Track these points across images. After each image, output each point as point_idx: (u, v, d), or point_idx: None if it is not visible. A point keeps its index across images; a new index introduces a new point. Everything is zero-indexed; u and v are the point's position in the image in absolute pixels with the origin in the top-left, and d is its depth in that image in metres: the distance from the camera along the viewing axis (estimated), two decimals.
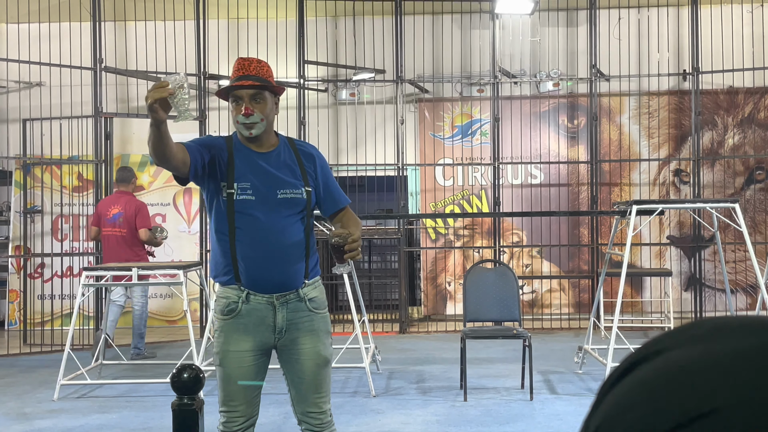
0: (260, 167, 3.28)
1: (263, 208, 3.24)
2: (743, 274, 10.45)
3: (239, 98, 3.24)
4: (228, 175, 3.24)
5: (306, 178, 3.34)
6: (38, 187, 10.04)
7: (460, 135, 10.87)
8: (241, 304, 3.25)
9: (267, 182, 3.26)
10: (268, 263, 3.23)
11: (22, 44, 9.71)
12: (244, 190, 3.24)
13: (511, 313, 6.63)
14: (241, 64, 3.28)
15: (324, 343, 3.32)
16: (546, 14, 10.83)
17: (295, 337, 3.29)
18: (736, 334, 0.51)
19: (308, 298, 3.30)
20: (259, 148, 3.32)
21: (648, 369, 0.51)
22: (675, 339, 0.53)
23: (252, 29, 10.44)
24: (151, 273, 7.21)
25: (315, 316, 3.32)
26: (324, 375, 3.33)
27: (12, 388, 7.11)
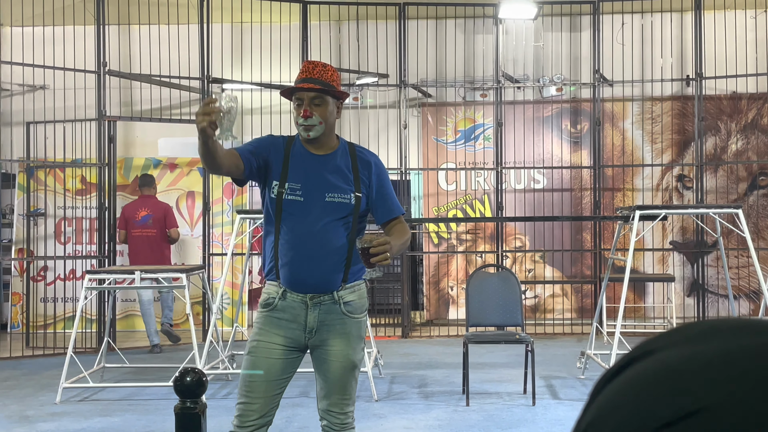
0: (314, 169, 3.35)
1: (310, 210, 3.30)
2: (746, 280, 10.44)
3: (300, 100, 3.32)
4: (282, 174, 3.33)
5: (358, 184, 3.38)
6: (41, 190, 10.05)
7: (463, 139, 10.87)
8: (278, 300, 3.33)
9: (317, 184, 3.32)
10: (306, 264, 3.29)
11: (26, 47, 9.71)
12: (294, 191, 3.32)
13: (514, 318, 6.63)
14: (306, 67, 3.36)
15: (354, 348, 3.35)
16: (549, 19, 10.84)
17: (326, 338, 3.33)
18: (727, 336, 0.51)
19: (343, 302, 3.34)
20: (317, 150, 3.39)
21: (639, 368, 0.52)
22: (668, 339, 0.54)
23: (255, 33, 10.45)
24: (153, 276, 7.22)
25: (348, 320, 3.34)
26: (349, 378, 3.35)
27: (14, 390, 7.11)
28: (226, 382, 7.37)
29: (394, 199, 3.50)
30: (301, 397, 6.66)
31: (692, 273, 10.55)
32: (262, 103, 10.61)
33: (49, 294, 10.07)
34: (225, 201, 10.70)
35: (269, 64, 10.38)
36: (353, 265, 3.35)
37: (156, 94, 10.60)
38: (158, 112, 10.83)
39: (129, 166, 10.84)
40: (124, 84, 10.71)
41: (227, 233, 10.43)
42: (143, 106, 10.96)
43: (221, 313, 9.90)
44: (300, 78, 3.34)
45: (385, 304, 11.38)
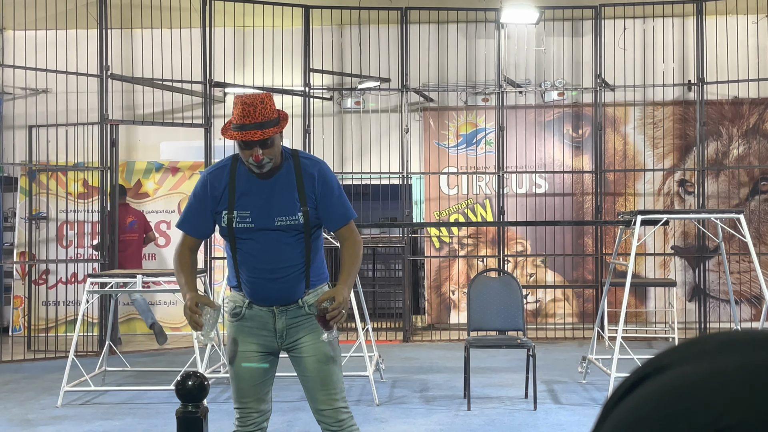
0: (261, 194, 3.35)
1: (262, 234, 3.34)
2: (747, 285, 10.43)
3: (250, 146, 3.23)
4: (229, 203, 3.34)
5: (304, 199, 3.35)
6: (43, 194, 10.06)
7: (464, 144, 10.87)
8: (245, 309, 3.42)
9: (266, 210, 3.33)
10: (268, 284, 3.36)
11: (29, 51, 9.73)
12: (243, 218, 3.34)
13: (515, 322, 6.62)
14: (246, 111, 3.19)
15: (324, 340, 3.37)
16: (551, 24, 10.85)
17: (297, 337, 3.40)
18: (744, 349, 0.50)
19: (308, 305, 3.39)
20: (263, 176, 3.35)
21: (656, 385, 0.51)
22: (682, 354, 0.52)
23: (258, 37, 10.46)
24: (155, 280, 7.22)
25: (311, 317, 3.39)
26: (328, 371, 3.38)
27: (16, 394, 7.12)
28: (226, 386, 7.36)
29: (343, 204, 3.45)
30: (302, 401, 6.64)
31: (694, 278, 10.54)
32: None
33: (50, 297, 10.07)
34: None
35: (271, 68, 10.39)
36: (313, 272, 3.41)
37: (158, 98, 10.61)
38: (160, 115, 10.84)
39: (131, 170, 10.85)
40: (127, 88, 10.73)
41: None
42: (145, 110, 10.97)
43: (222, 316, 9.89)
44: (240, 123, 3.20)
45: (387, 308, 11.38)
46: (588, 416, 6.13)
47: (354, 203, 4.12)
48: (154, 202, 10.83)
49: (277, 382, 7.34)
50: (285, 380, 7.28)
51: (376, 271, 12.37)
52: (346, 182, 10.53)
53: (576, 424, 5.92)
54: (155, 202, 10.83)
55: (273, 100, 3.33)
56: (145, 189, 10.86)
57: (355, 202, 10.76)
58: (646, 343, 9.61)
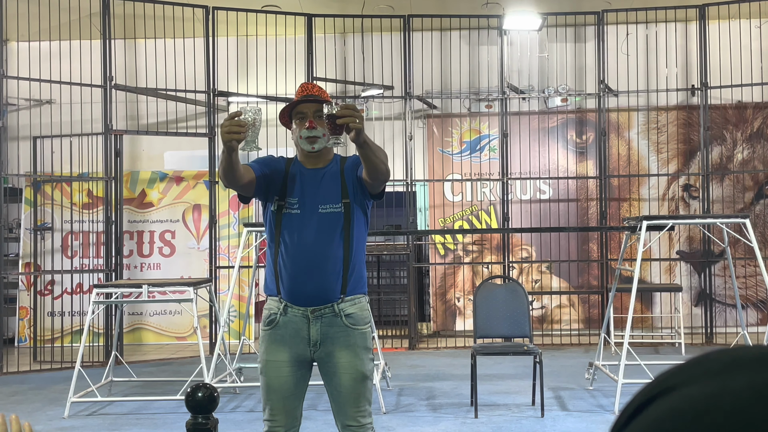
0: (308, 183, 3.44)
1: (307, 222, 3.38)
2: (754, 289, 10.41)
3: (303, 114, 3.40)
4: (281, 190, 3.44)
5: (345, 191, 3.43)
6: (48, 204, 10.07)
7: (468, 150, 10.88)
8: (279, 316, 3.39)
9: (312, 197, 3.41)
10: (304, 276, 3.35)
11: (33, 62, 9.76)
12: (292, 205, 3.42)
13: (522, 329, 6.61)
14: (305, 87, 3.45)
15: (361, 359, 3.38)
16: (554, 30, 10.85)
17: (331, 350, 3.37)
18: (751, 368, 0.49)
19: (345, 314, 3.38)
20: (314, 165, 3.47)
21: (664, 406, 0.50)
22: (688, 374, 0.51)
23: (261, 46, 10.48)
24: (161, 290, 7.22)
25: (352, 332, 3.38)
26: (361, 389, 3.38)
27: (22, 405, 7.11)
28: (233, 395, 7.36)
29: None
30: (309, 410, 6.64)
31: (699, 283, 10.52)
32: (267, 115, 10.62)
33: (56, 308, 10.08)
34: (231, 214, 10.71)
35: (274, 76, 10.41)
36: (351, 277, 3.40)
37: (162, 108, 10.63)
38: (164, 125, 10.86)
39: (135, 180, 10.86)
40: (131, 98, 10.74)
41: (234, 246, 10.44)
42: (149, 120, 10.99)
43: (228, 326, 9.90)
44: (300, 95, 3.43)
45: (392, 315, 11.37)
46: (595, 423, 6.11)
47: None
48: (159, 211, 10.84)
49: None
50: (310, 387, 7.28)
51: (381, 278, 12.36)
52: None
53: (584, 430, 5.90)
54: (159, 211, 10.84)
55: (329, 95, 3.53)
56: (149, 199, 10.87)
57: None
58: (652, 349, 9.58)
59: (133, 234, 10.76)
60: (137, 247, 10.84)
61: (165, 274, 10.65)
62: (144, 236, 10.86)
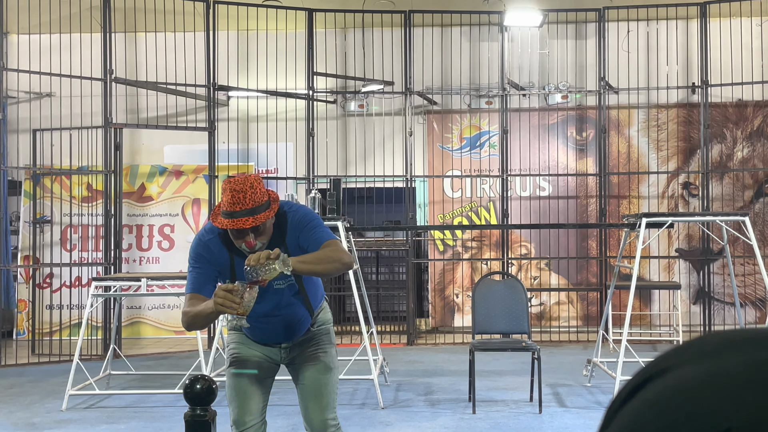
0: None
1: (264, 298, 3.25)
2: (752, 288, 10.41)
3: (242, 235, 3.18)
4: (231, 275, 3.31)
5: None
6: (48, 198, 10.07)
7: (468, 147, 10.87)
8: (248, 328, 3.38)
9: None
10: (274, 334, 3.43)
11: (33, 55, 9.75)
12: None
13: (520, 325, 6.61)
14: (236, 198, 3.11)
15: (324, 351, 3.45)
16: (555, 27, 10.85)
17: (299, 349, 3.47)
18: (745, 348, 0.49)
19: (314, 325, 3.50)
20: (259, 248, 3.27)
21: (658, 387, 0.50)
22: (683, 355, 0.52)
23: (261, 41, 10.48)
24: (159, 283, 7.22)
25: (314, 330, 3.49)
26: (324, 381, 3.41)
27: (20, 398, 7.11)
28: None
29: (320, 232, 3.32)
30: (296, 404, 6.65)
31: (698, 281, 10.53)
32: (267, 110, 10.63)
33: (54, 301, 10.08)
34: None
35: (275, 71, 10.40)
36: (314, 306, 3.46)
37: (162, 102, 10.62)
38: (164, 119, 10.85)
39: (135, 174, 10.86)
40: (131, 91, 10.74)
41: None
42: (149, 114, 10.98)
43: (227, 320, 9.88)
44: (230, 210, 3.11)
45: (390, 311, 11.37)
46: (593, 419, 6.12)
47: (358, 206, 4.06)
48: (158, 205, 10.84)
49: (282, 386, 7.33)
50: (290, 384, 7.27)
51: (379, 274, 12.36)
52: (350, 185, 10.53)
53: (581, 427, 5.91)
54: (159, 205, 10.84)
55: (262, 183, 3.23)
56: (149, 192, 10.87)
57: (359, 205, 10.77)
58: (650, 346, 9.59)
59: (132, 228, 10.76)
60: (136, 241, 10.83)
61: (164, 267, 10.64)
62: (143, 230, 10.85)
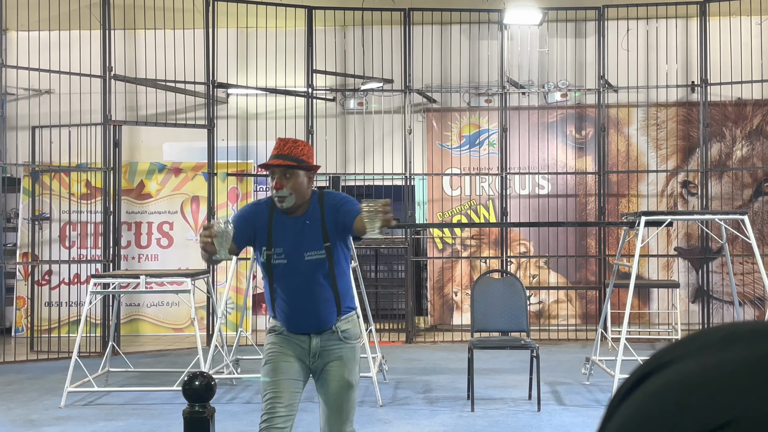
0: (292, 233, 3.65)
1: (294, 270, 3.62)
2: (751, 287, 10.42)
3: (273, 174, 3.60)
4: (267, 242, 3.66)
5: (326, 234, 3.64)
6: (46, 195, 10.06)
7: (467, 145, 10.87)
8: (285, 330, 3.68)
9: (296, 247, 3.63)
10: (301, 317, 3.65)
11: (32, 52, 9.74)
12: (279, 255, 3.64)
13: (519, 323, 6.62)
14: (278, 144, 3.65)
15: (350, 369, 3.67)
16: (554, 25, 10.84)
17: (327, 362, 3.66)
18: (747, 341, 0.50)
19: (340, 330, 3.67)
20: (294, 214, 3.66)
21: (660, 380, 0.50)
22: (685, 348, 0.52)
23: (261, 38, 10.46)
24: (158, 281, 7.22)
25: (345, 346, 3.68)
26: (346, 397, 3.65)
27: (19, 395, 7.11)
28: (230, 387, 7.37)
29: (353, 206, 3.64)
30: (306, 402, 6.65)
31: (697, 279, 10.53)
32: (267, 107, 10.62)
33: (53, 298, 10.07)
34: (230, 205, 10.71)
35: (274, 69, 10.39)
36: (343, 302, 3.69)
37: (161, 99, 10.61)
38: (163, 116, 10.85)
39: (134, 171, 10.85)
40: (130, 88, 10.73)
41: None
42: (148, 111, 10.97)
43: (225, 317, 9.90)
44: (272, 155, 3.63)
45: (389, 309, 11.37)
46: (592, 417, 6.12)
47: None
48: (157, 203, 10.83)
49: None
50: None
51: (378, 272, 12.35)
52: (349, 183, 10.53)
53: (580, 425, 5.91)
54: (158, 203, 10.83)
55: (311, 150, 3.72)
56: (147, 190, 10.86)
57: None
58: (649, 345, 9.59)
59: (131, 225, 10.76)
60: (135, 238, 10.83)
61: (162, 265, 10.64)
62: (142, 227, 10.85)
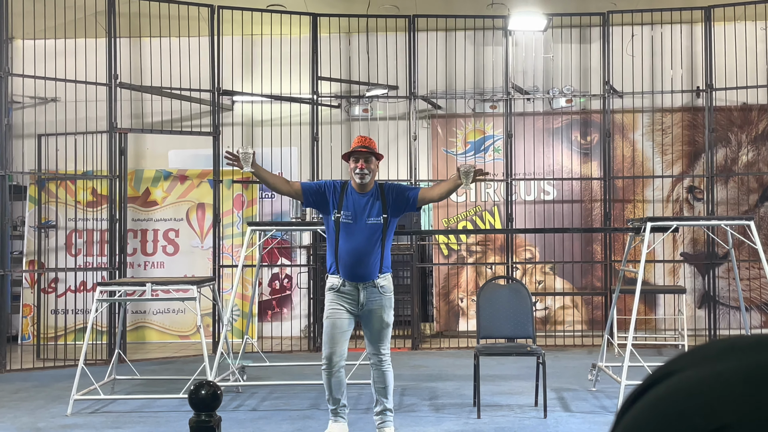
0: (359, 203, 5.31)
1: (356, 228, 5.26)
2: (758, 292, 10.39)
3: (357, 158, 5.30)
4: (338, 205, 5.29)
5: (386, 209, 5.31)
6: (52, 202, 10.09)
7: (473, 151, 10.87)
8: (341, 286, 5.29)
9: (361, 212, 5.29)
10: (356, 265, 5.26)
11: (38, 60, 9.76)
12: (347, 216, 5.27)
13: (525, 329, 6.61)
14: (358, 139, 5.42)
15: (387, 313, 5.37)
16: (559, 31, 10.84)
17: (370, 309, 5.32)
18: (745, 353, 0.52)
19: (380, 285, 5.33)
20: (362, 190, 5.34)
21: (661, 389, 0.52)
22: (687, 360, 0.54)
23: (266, 46, 10.48)
24: (164, 288, 7.23)
25: (383, 296, 5.35)
26: (384, 332, 5.40)
27: (26, 402, 7.12)
28: (236, 394, 7.36)
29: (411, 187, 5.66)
30: (312, 409, 6.66)
31: (703, 285, 10.51)
32: (272, 114, 10.64)
33: (59, 306, 10.09)
34: (235, 213, 10.72)
35: (279, 76, 10.41)
36: (384, 262, 5.30)
37: (167, 107, 10.64)
38: (169, 124, 10.87)
39: (139, 178, 10.87)
40: (135, 96, 10.75)
41: (237, 245, 10.45)
42: (154, 119, 11.00)
43: (231, 325, 9.90)
44: (356, 145, 5.35)
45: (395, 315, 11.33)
46: (598, 424, 6.10)
47: None
48: (163, 210, 10.85)
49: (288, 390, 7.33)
50: (295, 389, 7.29)
51: None
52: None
53: (586, 431, 5.89)
54: (164, 210, 10.85)
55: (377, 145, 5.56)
56: (153, 197, 10.88)
57: None
58: (655, 351, 9.57)
59: (136, 232, 10.78)
60: (141, 246, 10.85)
61: (168, 272, 10.65)
62: (148, 235, 10.87)
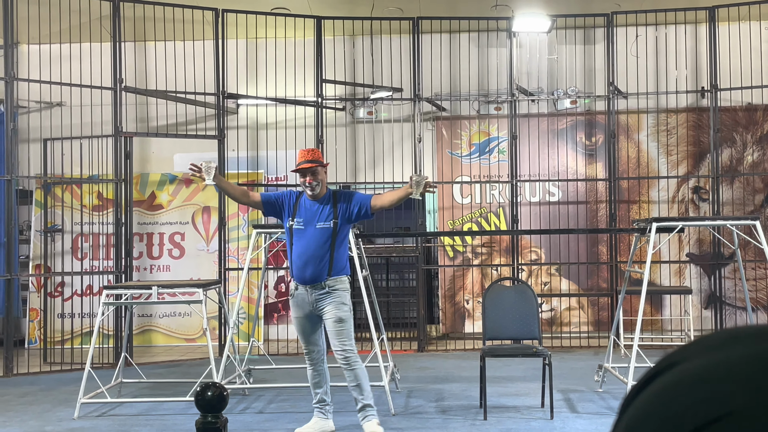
0: (310, 210, 5.62)
1: (306, 233, 5.58)
2: (764, 292, 10.37)
3: (304, 172, 5.61)
4: (293, 213, 5.65)
5: (336, 214, 5.59)
6: (58, 206, 10.11)
7: (477, 153, 10.87)
8: (294, 290, 5.67)
9: (311, 218, 5.60)
10: (304, 266, 5.56)
11: (43, 64, 9.79)
12: (299, 222, 5.61)
13: (531, 331, 6.61)
14: (302, 154, 5.71)
15: (338, 308, 5.55)
16: (563, 32, 10.84)
17: (321, 308, 5.59)
18: (748, 342, 0.52)
19: (328, 286, 5.56)
20: (314, 199, 5.65)
21: (665, 379, 0.53)
22: (690, 350, 0.55)
23: (270, 49, 10.50)
24: (170, 291, 7.24)
25: (331, 295, 5.56)
26: (340, 328, 5.54)
27: (33, 406, 7.14)
28: (243, 397, 7.37)
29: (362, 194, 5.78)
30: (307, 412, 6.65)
31: (709, 285, 10.49)
32: (277, 117, 10.66)
33: (66, 310, 10.11)
34: (240, 216, 10.73)
35: (284, 79, 10.43)
36: (335, 265, 5.57)
37: (172, 110, 10.66)
38: (174, 127, 10.89)
39: (145, 182, 10.90)
40: (140, 100, 10.78)
41: (243, 248, 10.46)
42: (159, 122, 11.02)
43: (237, 327, 9.92)
44: (300, 161, 5.66)
45: (401, 317, 11.36)
46: (605, 425, 6.10)
47: None
48: (168, 213, 10.87)
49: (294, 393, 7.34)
50: (301, 391, 7.29)
51: (390, 280, 12.36)
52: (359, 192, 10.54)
53: None
54: (169, 213, 10.87)
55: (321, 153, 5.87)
56: (159, 201, 10.90)
57: None
58: (662, 351, 9.54)
59: (142, 236, 10.80)
60: (147, 249, 10.87)
61: (174, 275, 10.67)
62: (153, 238, 10.89)
